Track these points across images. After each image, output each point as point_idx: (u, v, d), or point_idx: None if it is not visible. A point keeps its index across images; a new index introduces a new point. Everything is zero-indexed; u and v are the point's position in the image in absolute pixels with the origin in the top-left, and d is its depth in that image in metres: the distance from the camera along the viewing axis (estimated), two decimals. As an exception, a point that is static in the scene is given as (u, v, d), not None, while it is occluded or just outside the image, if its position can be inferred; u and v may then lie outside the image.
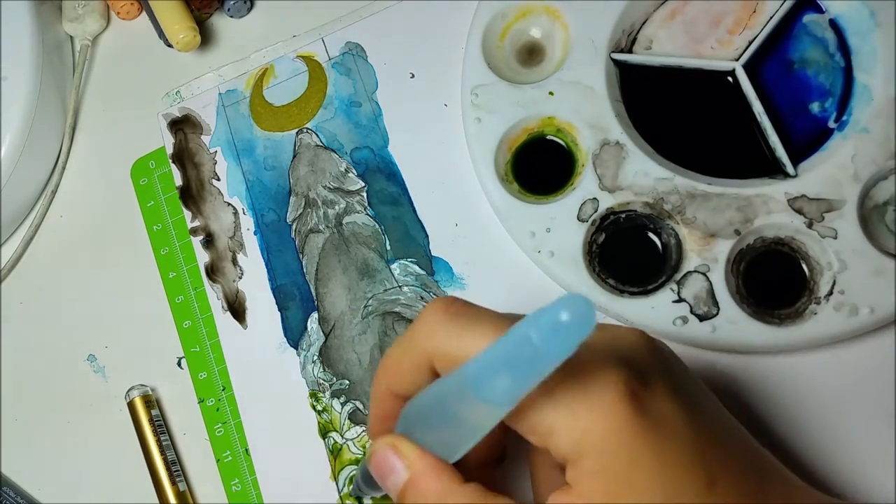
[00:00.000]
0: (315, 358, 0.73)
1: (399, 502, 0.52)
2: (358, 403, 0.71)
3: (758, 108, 0.68)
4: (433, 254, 0.73)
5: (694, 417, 0.47)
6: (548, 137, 0.71)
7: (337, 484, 0.70)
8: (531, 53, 0.75)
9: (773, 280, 0.65)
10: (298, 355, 0.74)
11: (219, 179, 0.79)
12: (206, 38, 0.84)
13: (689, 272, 0.64)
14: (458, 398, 0.45)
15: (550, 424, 0.46)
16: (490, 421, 0.46)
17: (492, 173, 0.70)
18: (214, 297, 0.77)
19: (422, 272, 0.73)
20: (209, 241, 0.78)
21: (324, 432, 0.72)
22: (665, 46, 0.72)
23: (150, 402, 0.75)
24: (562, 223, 0.67)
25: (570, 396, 0.45)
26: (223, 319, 0.76)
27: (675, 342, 0.64)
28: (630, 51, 0.73)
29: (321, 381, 0.72)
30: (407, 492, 0.51)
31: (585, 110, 0.69)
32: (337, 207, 0.76)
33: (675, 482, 0.45)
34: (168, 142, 0.82)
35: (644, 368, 0.47)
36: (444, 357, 0.49)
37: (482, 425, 0.46)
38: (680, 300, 0.64)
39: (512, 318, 0.46)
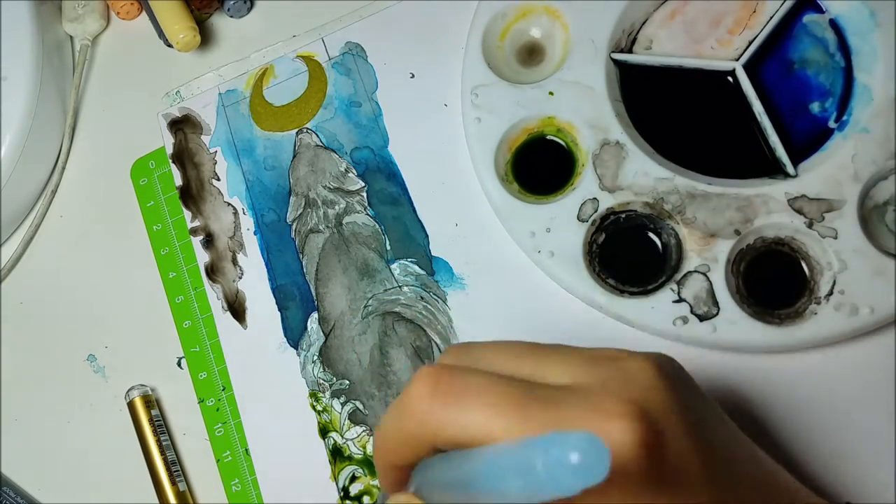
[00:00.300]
0: (315, 358, 0.73)
1: None
2: (358, 403, 0.71)
3: (758, 107, 0.68)
4: (433, 254, 0.73)
5: (708, 459, 0.46)
6: (548, 137, 0.71)
7: (337, 484, 0.70)
8: (531, 53, 0.75)
9: (774, 280, 0.65)
10: (298, 355, 0.74)
11: (219, 179, 0.79)
12: (206, 38, 0.84)
13: (690, 272, 0.64)
14: (470, 485, 0.44)
15: None
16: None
17: (492, 173, 0.70)
18: (214, 297, 0.77)
19: (422, 272, 0.73)
20: (209, 241, 0.78)
21: (324, 432, 0.71)
22: (665, 46, 0.72)
23: (150, 402, 0.75)
24: (562, 223, 0.67)
25: None
26: (223, 319, 0.76)
27: (676, 342, 0.64)
28: (630, 51, 0.73)
29: (321, 381, 0.72)
30: None
31: (585, 110, 0.69)
32: (337, 207, 0.76)
33: None
34: (168, 142, 0.82)
35: (660, 410, 0.45)
36: (447, 440, 0.45)
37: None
38: (680, 300, 0.64)
39: (521, 390, 0.44)
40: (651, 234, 0.67)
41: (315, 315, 0.74)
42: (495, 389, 0.44)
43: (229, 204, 0.79)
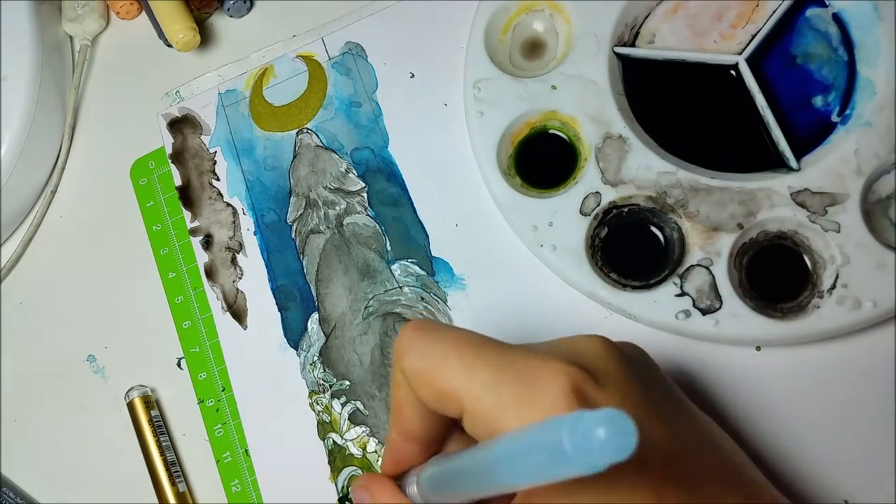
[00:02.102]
0: (315, 358, 0.73)
1: None
2: (358, 404, 0.71)
3: (761, 101, 0.68)
4: (433, 254, 0.73)
5: (648, 421, 0.47)
6: (550, 131, 0.71)
7: (336, 484, 0.70)
8: (534, 47, 0.75)
9: (776, 274, 0.64)
10: (298, 356, 0.74)
11: (218, 179, 0.79)
12: (205, 37, 0.84)
13: (692, 266, 0.64)
14: (481, 476, 0.45)
15: (498, 425, 0.46)
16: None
17: (494, 167, 0.70)
18: (214, 298, 0.77)
19: (422, 273, 0.73)
20: (209, 242, 0.78)
21: (324, 433, 0.71)
22: (668, 40, 0.72)
23: (150, 402, 0.75)
24: (564, 217, 0.67)
25: (517, 398, 0.45)
26: (223, 320, 0.76)
27: (678, 336, 0.64)
28: (633, 45, 0.73)
29: (321, 382, 0.72)
30: None
31: (588, 104, 0.69)
32: (337, 208, 0.76)
33: (619, 493, 0.44)
34: (167, 142, 0.81)
35: (600, 372, 0.47)
36: (417, 376, 0.49)
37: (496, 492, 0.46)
38: (683, 294, 0.64)
39: (479, 338, 0.49)
40: (654, 228, 0.67)
41: (315, 315, 0.74)
42: (461, 331, 0.50)
43: (229, 204, 0.79)
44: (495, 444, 0.42)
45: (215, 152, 0.80)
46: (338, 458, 0.71)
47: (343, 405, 0.72)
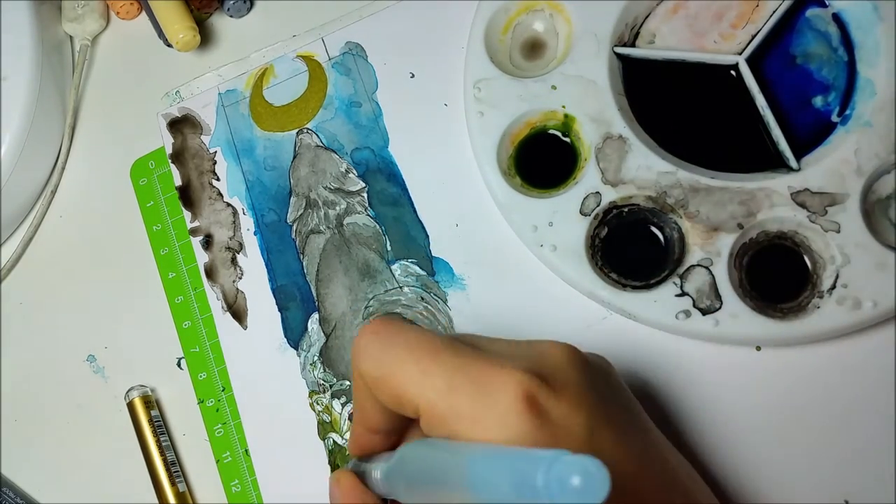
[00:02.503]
0: (315, 358, 0.73)
1: None
2: (359, 404, 0.71)
3: (761, 101, 0.68)
4: (433, 254, 0.73)
5: (599, 433, 0.47)
6: (550, 131, 0.71)
7: (337, 484, 0.70)
8: (534, 47, 0.75)
9: (776, 274, 0.64)
10: (298, 356, 0.74)
11: (218, 179, 0.79)
12: (205, 37, 0.84)
13: (692, 266, 0.64)
14: (451, 485, 0.45)
15: (454, 431, 0.46)
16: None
17: (494, 167, 0.70)
18: (214, 298, 0.77)
19: (422, 273, 0.73)
20: (209, 242, 0.78)
21: (324, 433, 0.71)
22: (668, 40, 0.72)
23: (150, 402, 0.75)
24: (564, 217, 0.67)
25: (471, 404, 0.46)
26: (223, 320, 0.76)
27: (678, 336, 0.64)
28: (633, 45, 0.73)
29: (321, 382, 0.72)
30: None
31: (588, 104, 0.69)
32: (338, 208, 0.76)
33: None
34: (167, 142, 0.81)
35: (557, 379, 0.47)
36: (374, 381, 0.50)
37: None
38: (683, 294, 0.64)
39: (435, 340, 0.49)
40: (654, 228, 0.67)
41: (315, 316, 0.74)
42: (418, 334, 0.50)
43: (229, 204, 0.79)
44: (463, 453, 0.43)
45: (215, 152, 0.80)
46: (338, 458, 0.71)
47: (343, 405, 0.72)
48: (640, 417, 0.54)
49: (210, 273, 0.77)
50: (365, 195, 0.76)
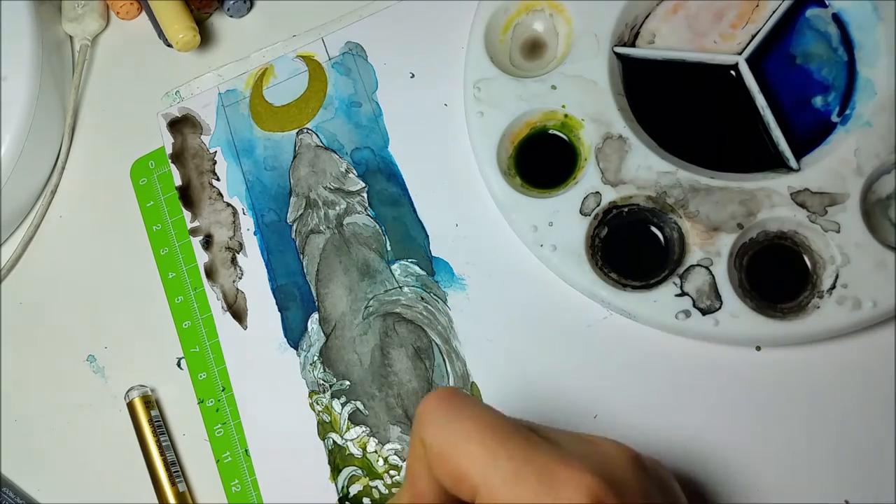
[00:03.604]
0: (315, 358, 0.73)
1: None
2: (358, 404, 0.71)
3: (761, 101, 0.68)
4: (433, 254, 0.73)
5: None
6: (550, 131, 0.71)
7: (336, 484, 0.70)
8: (534, 47, 0.75)
9: (776, 274, 0.65)
10: (298, 356, 0.74)
11: (218, 179, 0.79)
12: (205, 37, 0.84)
13: (692, 266, 0.64)
14: None
15: None
16: None
17: (494, 167, 0.70)
18: (214, 298, 0.77)
19: (422, 273, 0.73)
20: (209, 242, 0.78)
21: (324, 433, 0.71)
22: (668, 40, 0.72)
23: (150, 402, 0.75)
24: (564, 217, 0.67)
25: (536, 495, 0.45)
26: (223, 320, 0.76)
27: (678, 336, 0.64)
28: (633, 45, 0.73)
29: (321, 382, 0.72)
30: None
31: (588, 104, 0.69)
32: (338, 208, 0.76)
33: None
34: (168, 142, 0.81)
35: (620, 484, 0.47)
36: (437, 452, 0.49)
37: None
38: (683, 294, 0.64)
39: (504, 423, 0.48)
40: (654, 228, 0.67)
41: (315, 315, 0.74)
42: (487, 413, 0.49)
43: (229, 204, 0.79)
44: None
45: (215, 152, 0.80)
46: (338, 458, 0.71)
47: (343, 405, 0.71)
48: None
49: (210, 273, 0.77)
50: (365, 195, 0.76)
